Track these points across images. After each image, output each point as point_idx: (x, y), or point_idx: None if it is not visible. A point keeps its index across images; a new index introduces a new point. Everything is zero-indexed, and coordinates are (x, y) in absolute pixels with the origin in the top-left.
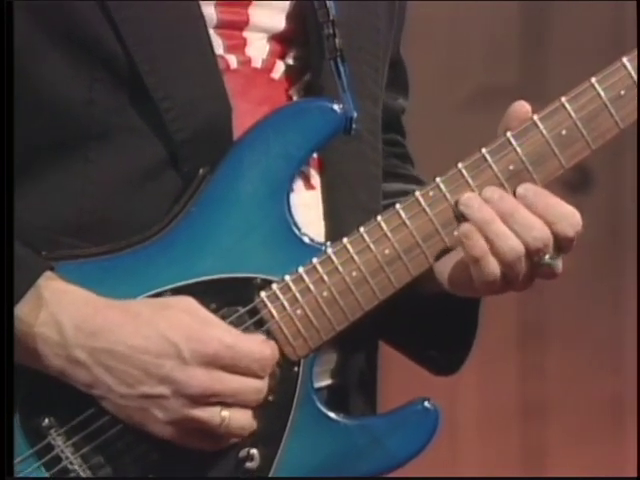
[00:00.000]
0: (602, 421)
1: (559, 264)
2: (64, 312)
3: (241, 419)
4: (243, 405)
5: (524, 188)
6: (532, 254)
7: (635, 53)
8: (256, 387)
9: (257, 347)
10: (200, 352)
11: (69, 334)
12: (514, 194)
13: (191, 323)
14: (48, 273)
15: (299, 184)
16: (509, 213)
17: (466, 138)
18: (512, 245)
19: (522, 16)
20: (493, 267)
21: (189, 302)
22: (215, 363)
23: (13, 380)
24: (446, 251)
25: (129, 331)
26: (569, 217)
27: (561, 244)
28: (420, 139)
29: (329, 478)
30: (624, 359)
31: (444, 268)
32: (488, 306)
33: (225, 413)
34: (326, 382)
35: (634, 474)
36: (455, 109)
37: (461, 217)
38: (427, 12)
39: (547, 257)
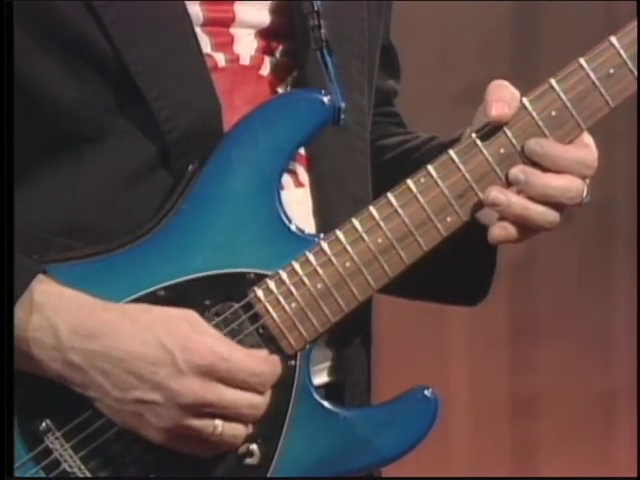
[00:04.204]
0: (593, 416)
1: None
2: (59, 316)
3: (234, 430)
4: (237, 418)
5: (536, 143)
6: (577, 205)
7: (623, 31)
8: (252, 402)
9: (254, 362)
10: (195, 363)
11: (64, 338)
12: (506, 177)
13: (189, 333)
14: (41, 276)
15: (289, 181)
16: (541, 192)
17: None
18: (549, 219)
19: (514, 13)
20: (512, 233)
21: (190, 313)
22: (211, 374)
23: (13, 384)
24: (440, 238)
25: (127, 336)
26: (591, 153)
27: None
28: None
29: (330, 478)
30: (615, 354)
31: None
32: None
33: (218, 423)
34: (323, 380)
35: (625, 469)
36: (447, 105)
37: (454, 204)
38: (420, 8)
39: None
